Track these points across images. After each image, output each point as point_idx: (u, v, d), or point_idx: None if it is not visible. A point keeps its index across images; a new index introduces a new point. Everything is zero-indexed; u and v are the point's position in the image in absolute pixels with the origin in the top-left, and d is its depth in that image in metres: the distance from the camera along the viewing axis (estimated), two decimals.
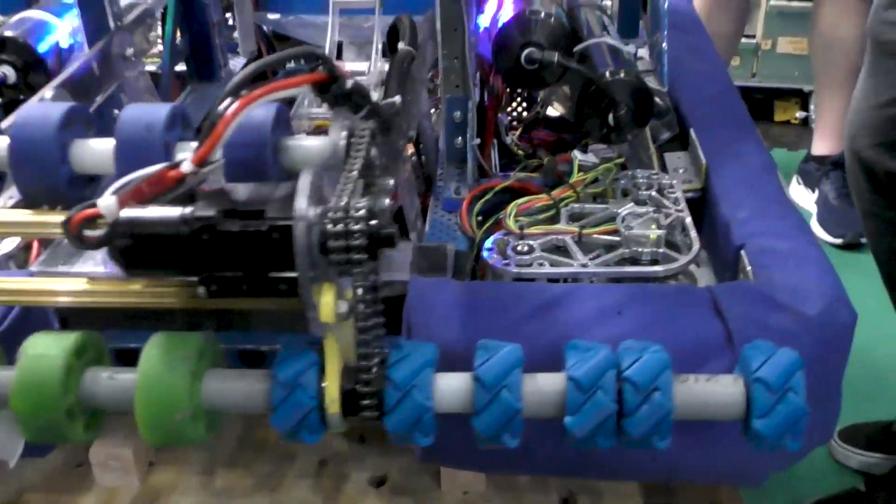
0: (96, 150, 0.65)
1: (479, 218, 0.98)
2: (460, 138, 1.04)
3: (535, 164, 1.10)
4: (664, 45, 1.10)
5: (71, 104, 0.65)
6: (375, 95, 0.76)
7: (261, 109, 0.61)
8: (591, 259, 0.87)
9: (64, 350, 0.56)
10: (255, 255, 0.53)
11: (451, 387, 0.56)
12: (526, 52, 0.95)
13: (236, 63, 1.45)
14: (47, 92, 0.86)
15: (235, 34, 1.43)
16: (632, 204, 0.95)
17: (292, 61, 0.62)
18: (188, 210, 0.53)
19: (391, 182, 0.75)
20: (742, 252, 0.85)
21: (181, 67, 1.34)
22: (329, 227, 0.53)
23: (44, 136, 0.62)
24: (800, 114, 2.66)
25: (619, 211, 0.92)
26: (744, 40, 2.56)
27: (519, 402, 0.55)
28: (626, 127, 0.96)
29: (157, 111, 0.65)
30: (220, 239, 0.52)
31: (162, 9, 1.25)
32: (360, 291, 0.54)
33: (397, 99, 0.79)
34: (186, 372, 0.55)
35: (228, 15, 1.45)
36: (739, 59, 2.65)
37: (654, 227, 0.88)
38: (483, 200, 0.98)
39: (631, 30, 1.28)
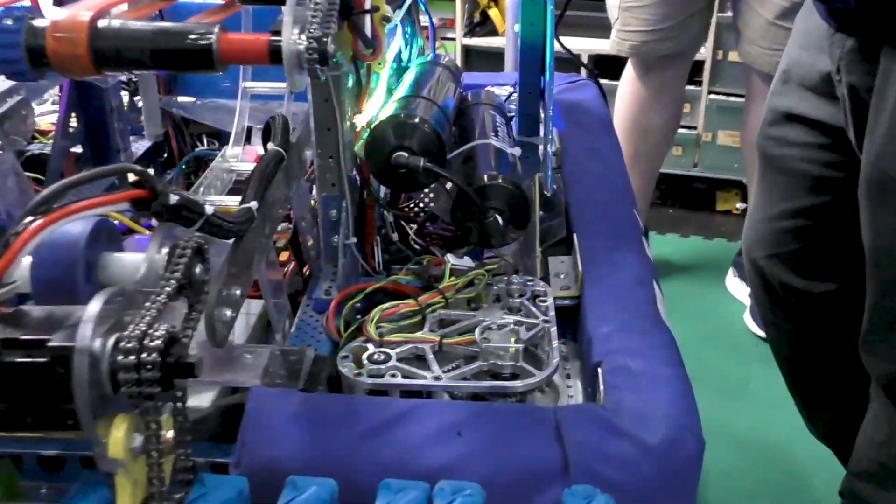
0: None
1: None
2: (336, 237, 1.03)
3: (425, 262, 1.10)
4: (548, 146, 1.12)
5: None
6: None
7: (77, 224, 0.59)
8: (449, 371, 0.86)
9: None
10: (38, 388, 0.50)
11: None
12: (394, 155, 0.95)
13: (139, 146, 1.43)
14: None
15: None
16: (501, 312, 0.94)
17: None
18: None
19: (237, 292, 0.74)
20: (599, 369, 0.84)
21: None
22: (119, 358, 0.51)
23: None
24: (740, 205, 2.73)
25: (483, 320, 0.91)
26: (685, 131, 2.65)
27: None
28: (496, 234, 0.96)
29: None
30: (8, 368, 0.50)
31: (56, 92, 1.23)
32: (153, 426, 0.52)
33: (253, 204, 0.78)
34: None
35: (138, 98, 1.44)
36: (682, 150, 2.73)
37: (513, 339, 0.87)
38: (352, 303, 0.97)
39: (531, 129, 1.29)
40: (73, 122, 1.29)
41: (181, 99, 1.50)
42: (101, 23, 0.74)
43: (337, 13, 0.86)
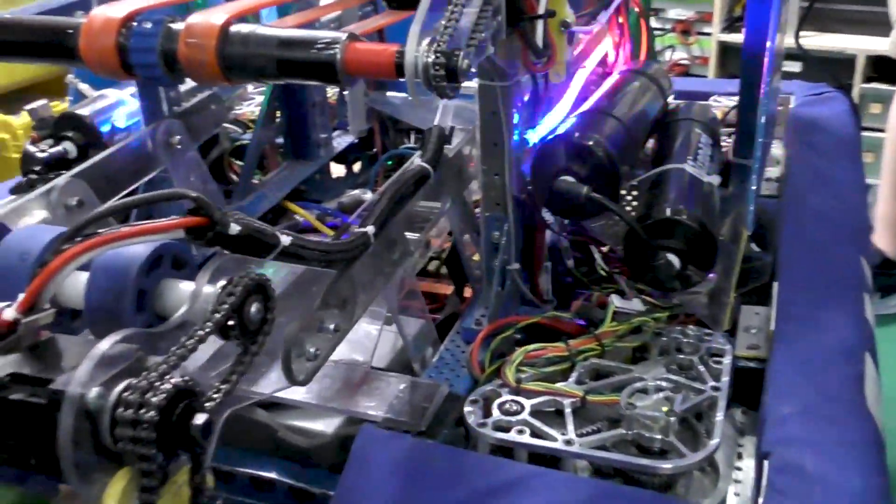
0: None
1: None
2: (499, 261, 0.93)
3: (609, 291, 0.97)
4: (755, 173, 0.94)
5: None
6: None
7: (139, 247, 0.55)
8: (587, 434, 0.74)
9: None
10: (36, 431, 0.46)
11: None
12: (558, 179, 0.83)
13: (343, 141, 1.43)
14: (61, 180, 0.86)
15: None
16: (664, 369, 0.80)
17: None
18: None
19: (331, 326, 0.67)
20: (765, 462, 0.68)
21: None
22: (120, 410, 0.45)
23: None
24: None
25: (639, 377, 0.78)
26: None
27: None
28: (667, 277, 0.82)
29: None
30: (8, 407, 0.47)
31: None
32: (146, 493, 0.46)
33: (369, 230, 0.71)
34: None
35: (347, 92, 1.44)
36: None
37: (666, 408, 0.73)
38: (501, 337, 0.87)
39: (749, 150, 1.11)
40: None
41: (390, 94, 1.47)
42: (233, 28, 0.70)
43: (494, 20, 0.77)
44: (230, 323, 0.53)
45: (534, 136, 0.92)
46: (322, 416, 0.82)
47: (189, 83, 1.08)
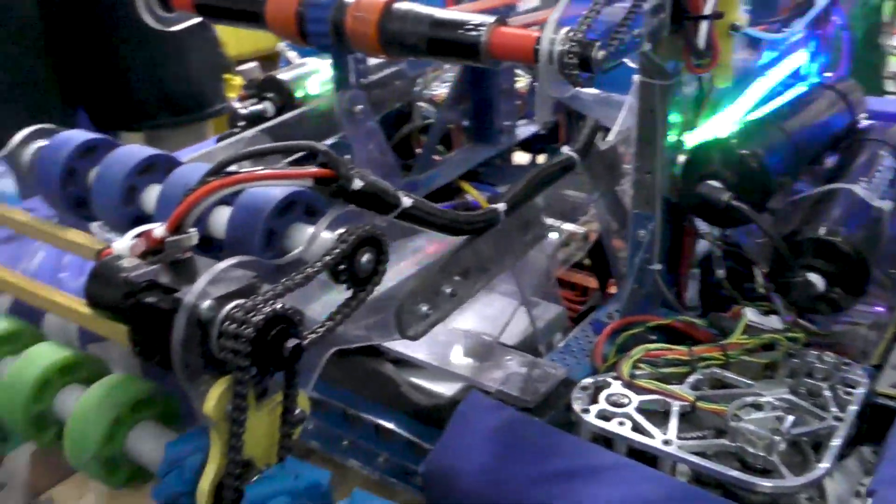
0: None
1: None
2: (639, 259, 0.94)
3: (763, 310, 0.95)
4: None
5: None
6: None
7: (270, 193, 0.62)
8: (689, 439, 0.74)
9: (48, 363, 0.63)
10: (163, 330, 0.54)
11: None
12: (702, 183, 0.83)
13: (527, 130, 1.46)
14: (248, 133, 0.96)
15: None
16: (786, 391, 0.78)
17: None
18: (135, 273, 0.56)
19: (448, 291, 0.71)
20: (869, 501, 0.66)
21: None
22: (226, 324, 0.52)
23: None
24: None
25: (758, 394, 0.76)
26: None
27: None
28: (805, 299, 0.79)
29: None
30: (141, 308, 0.55)
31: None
32: (242, 396, 0.53)
33: (500, 206, 0.75)
34: (110, 417, 0.59)
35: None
36: None
37: (773, 427, 0.71)
38: (629, 333, 0.88)
39: None
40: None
41: (580, 90, 1.48)
42: (396, 5, 0.76)
43: (655, 17, 0.78)
44: (341, 267, 0.59)
45: (691, 139, 0.91)
46: (444, 378, 0.87)
47: (377, 58, 1.16)
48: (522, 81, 1.48)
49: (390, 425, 0.87)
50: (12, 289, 0.70)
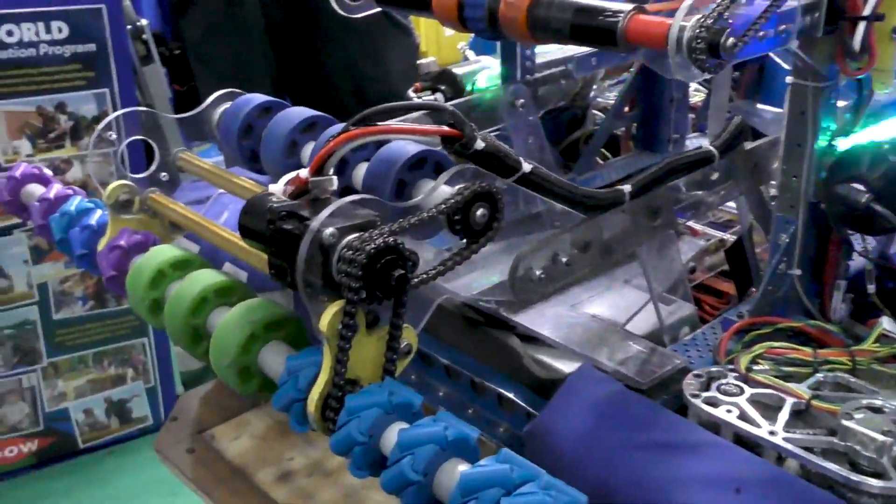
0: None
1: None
2: (783, 264, 0.93)
3: None
4: None
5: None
6: None
7: (405, 148, 0.69)
8: (797, 434, 0.73)
9: (207, 284, 0.73)
10: (294, 253, 0.62)
11: (389, 438, 0.58)
12: (841, 185, 0.82)
13: (698, 143, 1.46)
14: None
15: None
16: None
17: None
18: (277, 204, 0.65)
19: (563, 260, 0.75)
20: None
21: None
22: (344, 250, 0.59)
23: None
24: None
25: (876, 403, 0.74)
26: None
27: (416, 476, 0.54)
28: None
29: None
30: (278, 232, 0.63)
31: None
32: (350, 317, 0.60)
33: (625, 188, 0.78)
34: (247, 331, 0.67)
35: None
36: None
37: (887, 430, 0.70)
38: (756, 333, 0.88)
39: None
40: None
41: (760, 107, 1.47)
42: None
43: (808, 16, 0.78)
44: (456, 217, 0.64)
45: (844, 144, 0.89)
46: (564, 356, 0.90)
47: (548, 56, 1.21)
48: (698, 97, 1.49)
49: (511, 395, 0.92)
50: (190, 224, 0.81)
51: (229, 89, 0.89)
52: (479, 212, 0.65)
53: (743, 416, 0.75)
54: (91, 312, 1.95)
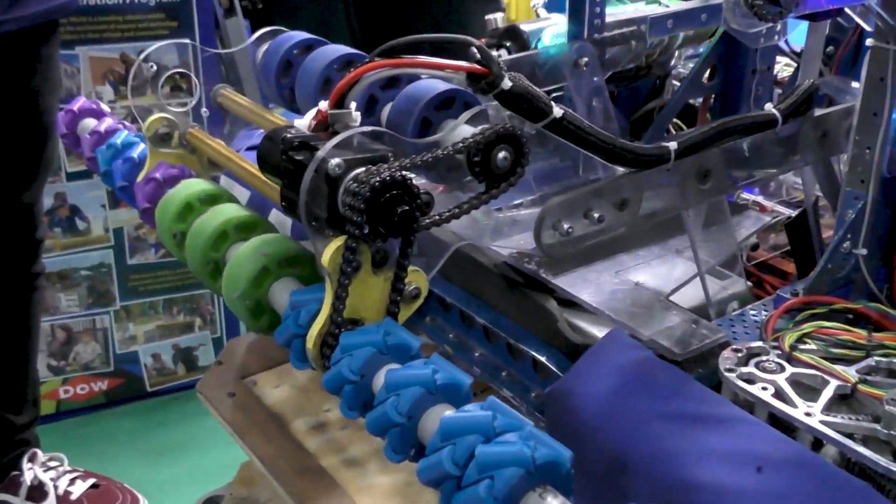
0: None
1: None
2: (847, 242, 0.87)
3: None
4: None
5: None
6: None
7: (432, 85, 0.66)
8: (837, 418, 0.68)
9: (227, 218, 0.72)
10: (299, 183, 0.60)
11: (381, 379, 0.55)
12: None
13: None
14: None
15: None
16: None
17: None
18: (291, 134, 0.63)
19: (597, 216, 0.71)
20: None
21: None
22: (349, 183, 0.57)
23: None
24: None
25: None
26: None
27: (399, 418, 0.52)
28: None
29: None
30: (288, 161, 0.61)
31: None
32: (348, 253, 0.57)
33: (671, 145, 0.73)
34: (258, 266, 0.66)
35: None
36: None
37: None
38: (809, 312, 0.82)
39: None
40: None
41: (855, 85, 1.38)
42: None
43: None
44: (476, 159, 0.61)
45: None
46: (602, 322, 0.86)
47: (620, 16, 1.16)
48: (788, 71, 1.41)
49: (544, 359, 0.88)
50: (223, 160, 0.81)
51: (274, 27, 0.88)
52: (501, 154, 0.61)
53: (779, 395, 0.70)
54: (163, 260, 1.99)
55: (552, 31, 1.20)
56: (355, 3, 2.03)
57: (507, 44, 1.21)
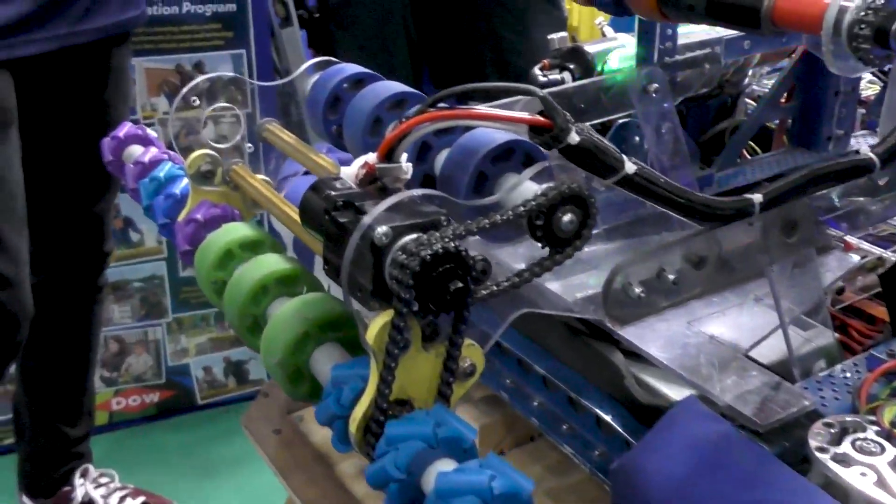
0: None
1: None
2: None
3: None
4: None
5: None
6: None
7: (491, 135, 0.60)
8: None
9: (268, 272, 0.67)
10: (343, 248, 0.54)
11: (431, 477, 0.49)
12: None
13: (861, 142, 1.29)
14: (526, 98, 0.94)
15: None
16: None
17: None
18: (337, 191, 0.57)
19: (671, 278, 0.64)
20: None
21: None
22: (398, 254, 0.51)
23: None
24: None
25: None
26: None
27: None
28: None
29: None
30: (332, 223, 0.55)
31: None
32: (400, 330, 0.51)
33: (755, 197, 0.66)
34: (298, 332, 0.61)
35: None
36: None
37: None
38: None
39: None
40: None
41: None
42: None
43: None
44: (538, 222, 0.55)
45: None
46: (673, 380, 0.79)
47: (692, 36, 1.09)
48: (872, 89, 1.32)
49: (608, 418, 0.82)
50: (265, 201, 0.76)
51: (325, 58, 0.82)
52: (567, 217, 0.55)
53: (881, 483, 0.62)
54: None
55: (619, 53, 1.12)
56: (413, 12, 1.98)
57: (571, 66, 1.14)
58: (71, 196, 1.46)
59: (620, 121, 1.08)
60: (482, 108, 0.56)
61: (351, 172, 0.60)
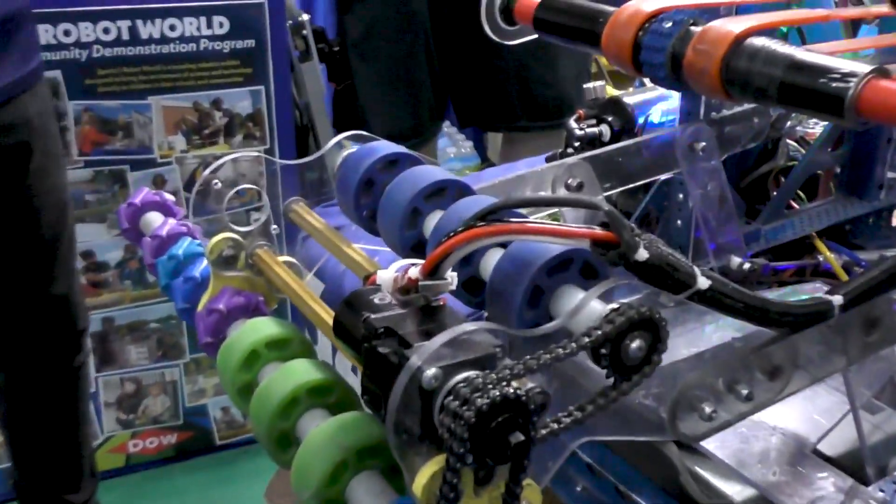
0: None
1: None
2: None
3: None
4: None
5: None
6: None
7: (548, 245, 0.54)
8: None
9: (300, 382, 0.61)
10: (390, 386, 0.49)
11: None
12: None
13: None
14: (571, 160, 0.89)
15: None
16: None
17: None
18: (376, 315, 0.52)
19: (745, 392, 0.59)
20: None
21: None
22: (448, 399, 0.45)
23: None
24: None
25: None
26: None
27: None
28: None
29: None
30: (374, 355, 0.50)
31: None
32: (446, 486, 0.46)
33: (835, 299, 0.60)
34: (334, 461, 0.55)
35: None
36: None
37: None
38: None
39: None
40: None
41: None
42: (749, 40, 0.63)
43: None
44: (603, 351, 0.49)
45: None
46: (733, 478, 0.73)
47: None
48: None
49: None
50: (289, 291, 0.70)
51: (355, 131, 0.77)
52: (635, 344, 0.49)
53: None
54: None
55: (662, 106, 1.07)
56: (436, 43, 1.93)
57: (609, 118, 1.09)
58: (21, 283, 1.36)
59: (663, 176, 1.02)
60: (540, 223, 0.50)
61: (388, 278, 0.54)
